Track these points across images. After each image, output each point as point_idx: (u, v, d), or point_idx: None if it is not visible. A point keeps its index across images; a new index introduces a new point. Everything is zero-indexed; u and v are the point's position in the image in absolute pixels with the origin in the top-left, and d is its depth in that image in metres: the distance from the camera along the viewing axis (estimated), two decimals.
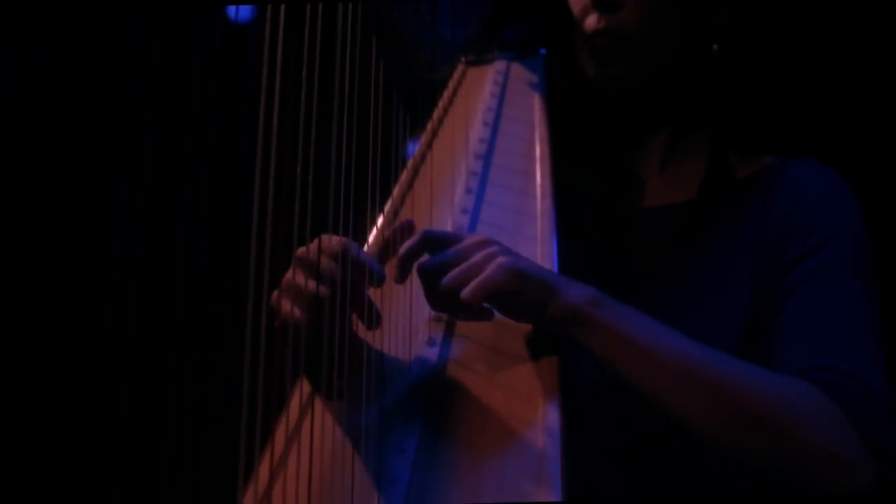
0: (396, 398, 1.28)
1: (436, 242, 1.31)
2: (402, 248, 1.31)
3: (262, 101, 1.08)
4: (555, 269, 1.42)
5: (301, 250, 1.26)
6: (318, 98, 1.23)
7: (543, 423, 1.23)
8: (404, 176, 1.56)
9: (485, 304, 1.28)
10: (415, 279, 1.33)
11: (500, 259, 1.25)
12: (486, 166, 1.64)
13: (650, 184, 1.61)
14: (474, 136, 1.69)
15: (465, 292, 1.23)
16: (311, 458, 1.17)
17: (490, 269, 1.24)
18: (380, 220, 1.46)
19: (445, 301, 1.28)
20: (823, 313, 1.39)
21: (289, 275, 1.26)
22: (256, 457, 1.12)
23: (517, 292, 1.25)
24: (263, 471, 1.17)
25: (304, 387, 1.27)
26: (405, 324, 1.34)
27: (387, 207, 1.49)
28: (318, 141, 1.20)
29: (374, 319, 1.27)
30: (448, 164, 1.60)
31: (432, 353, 1.33)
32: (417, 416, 1.26)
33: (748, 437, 1.24)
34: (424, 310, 1.37)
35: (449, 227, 1.51)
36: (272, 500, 1.16)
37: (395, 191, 1.54)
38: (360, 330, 1.32)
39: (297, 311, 1.23)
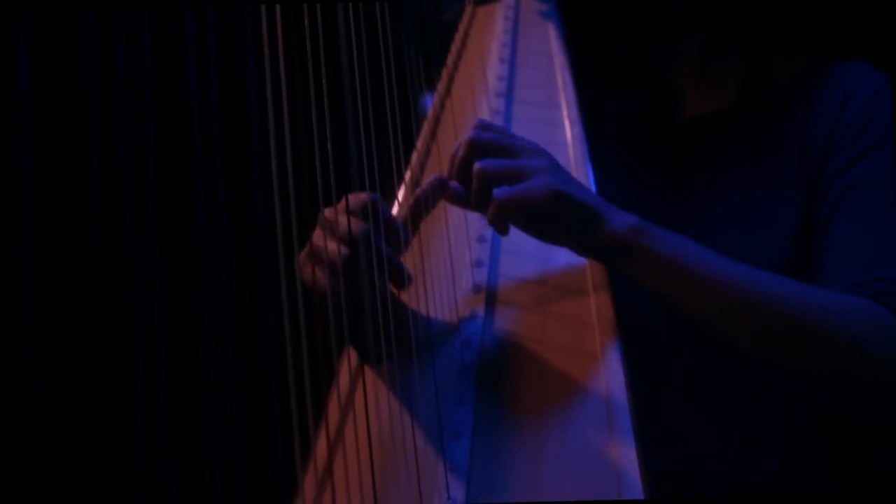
0: (448, 350, 1.23)
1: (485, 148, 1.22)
2: (450, 158, 1.23)
3: (267, 56, 1.02)
4: (590, 175, 1.37)
5: (327, 210, 1.19)
6: (326, 52, 1.17)
7: (605, 358, 1.18)
8: (426, 127, 1.50)
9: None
10: (450, 228, 1.27)
11: (548, 177, 1.17)
12: (509, 104, 1.58)
13: (687, 93, 1.53)
14: (492, 75, 1.63)
15: (499, 194, 1.15)
16: (367, 425, 1.12)
17: (535, 181, 1.16)
18: (407, 175, 1.40)
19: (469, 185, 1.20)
20: (873, 223, 1.33)
21: (313, 237, 1.20)
22: (312, 434, 1.08)
23: (556, 216, 1.18)
24: (321, 447, 1.13)
25: (353, 354, 1.22)
26: (447, 272, 1.28)
27: (412, 160, 1.43)
28: (331, 97, 1.14)
29: (405, 279, 1.20)
30: (470, 108, 1.54)
31: (479, 299, 1.27)
32: (473, 365, 1.21)
33: (809, 357, 1.19)
34: (465, 255, 1.31)
35: None
36: (334, 474, 1.11)
37: (419, 143, 1.47)
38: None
39: (319, 275, 1.17)
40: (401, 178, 1.38)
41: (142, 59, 0.86)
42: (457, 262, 1.30)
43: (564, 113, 1.52)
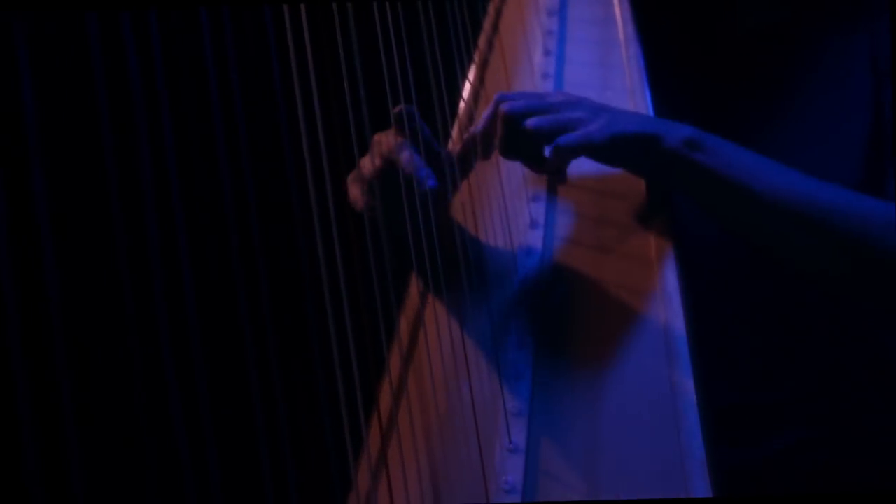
0: (507, 290, 1.22)
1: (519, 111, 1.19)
2: (479, 120, 1.22)
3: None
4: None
5: (377, 134, 1.19)
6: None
7: (663, 293, 1.16)
8: (477, 57, 1.45)
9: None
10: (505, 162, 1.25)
11: (599, 121, 1.18)
12: (562, 22, 1.53)
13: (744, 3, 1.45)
14: None
15: (561, 139, 1.15)
16: (430, 373, 1.13)
17: (589, 128, 1.17)
18: (461, 104, 1.37)
19: (524, 150, 1.19)
20: None
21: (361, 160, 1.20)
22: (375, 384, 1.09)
23: (614, 154, 1.19)
24: (384, 397, 1.13)
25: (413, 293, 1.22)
26: (501, 210, 1.26)
27: (464, 96, 1.39)
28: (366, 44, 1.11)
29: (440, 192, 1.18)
30: (520, 31, 1.50)
31: (536, 237, 1.26)
32: (530, 301, 1.20)
33: (882, 282, 1.15)
34: (521, 193, 1.29)
35: (532, 90, 1.41)
36: (398, 421, 1.12)
37: (470, 76, 1.43)
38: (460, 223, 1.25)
39: (355, 193, 1.18)
40: (454, 116, 1.35)
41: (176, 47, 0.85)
42: (512, 197, 1.29)
43: (620, 29, 1.47)
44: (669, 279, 1.17)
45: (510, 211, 1.27)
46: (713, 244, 1.29)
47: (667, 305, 1.14)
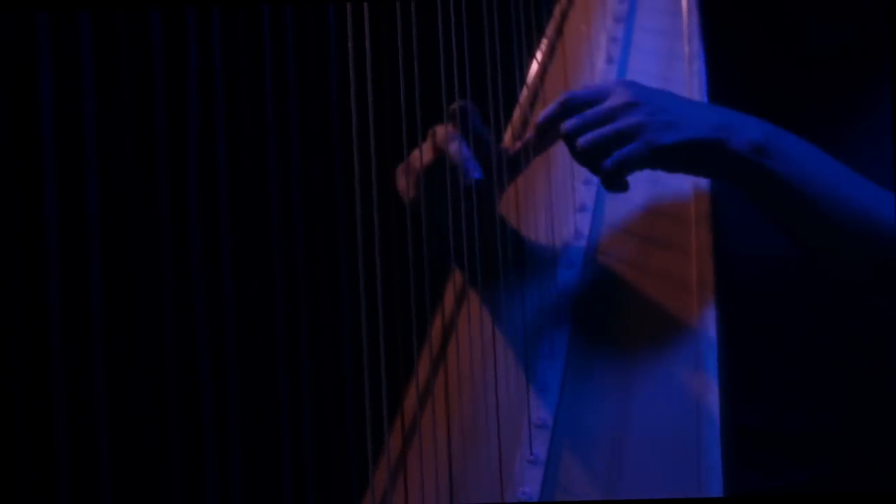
0: (544, 295, 1.22)
1: (577, 106, 1.18)
2: (540, 115, 1.20)
3: None
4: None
5: (435, 128, 1.19)
6: None
7: (700, 313, 1.16)
8: (539, 56, 1.44)
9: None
10: (555, 165, 1.25)
11: (647, 135, 1.13)
12: (628, 30, 1.51)
13: (813, 23, 1.41)
14: None
15: (607, 164, 1.12)
16: (458, 376, 1.13)
17: (634, 145, 1.13)
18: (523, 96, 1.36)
19: (590, 162, 1.17)
20: None
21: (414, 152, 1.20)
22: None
23: (667, 166, 1.16)
24: (410, 398, 1.14)
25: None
26: (547, 215, 1.26)
27: (522, 95, 1.39)
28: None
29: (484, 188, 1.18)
30: (584, 36, 1.49)
31: (578, 245, 1.26)
32: (567, 313, 1.20)
33: None
34: (569, 198, 1.29)
35: None
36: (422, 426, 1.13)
37: (530, 74, 1.42)
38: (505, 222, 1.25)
39: (403, 184, 1.18)
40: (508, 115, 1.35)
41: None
42: (559, 203, 1.29)
43: (686, 45, 1.45)
44: (707, 299, 1.16)
45: (556, 217, 1.26)
46: (758, 268, 1.27)
47: (702, 326, 1.14)
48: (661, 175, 1.19)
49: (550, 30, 1.46)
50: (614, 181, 1.14)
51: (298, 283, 0.85)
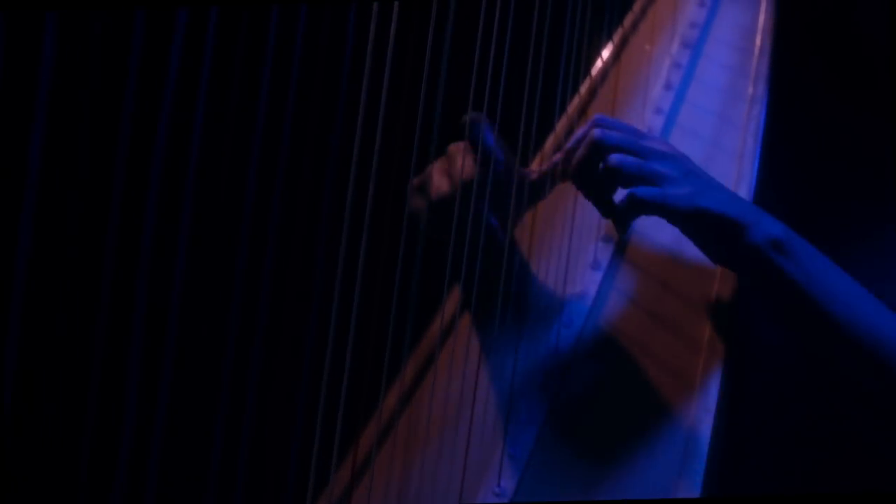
0: (534, 352, 1.14)
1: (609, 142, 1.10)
2: (571, 139, 1.13)
3: None
4: (751, 190, 1.24)
5: (454, 145, 1.13)
6: None
7: (701, 391, 1.09)
8: (596, 74, 1.35)
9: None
10: (578, 210, 1.17)
11: (687, 187, 1.07)
12: (695, 57, 1.42)
13: None
14: (685, 18, 1.47)
15: (639, 192, 1.06)
16: (427, 414, 1.07)
17: (674, 189, 1.07)
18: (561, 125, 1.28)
19: (596, 184, 1.10)
20: None
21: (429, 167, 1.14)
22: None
23: (691, 227, 1.09)
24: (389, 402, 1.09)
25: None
26: (559, 263, 1.19)
27: (568, 111, 1.30)
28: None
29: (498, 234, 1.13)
30: (648, 53, 1.40)
31: (582, 305, 1.17)
32: (565, 350, 1.13)
33: None
34: (584, 252, 1.21)
35: (640, 126, 1.31)
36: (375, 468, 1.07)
37: (583, 88, 1.33)
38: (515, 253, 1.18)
39: (416, 203, 1.12)
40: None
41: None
42: (576, 246, 1.21)
43: (750, 85, 1.37)
44: (708, 396, 1.08)
45: (567, 268, 1.19)
46: (771, 351, 1.20)
47: (695, 427, 1.06)
48: (684, 253, 1.13)
49: (608, 52, 1.37)
50: (617, 217, 1.08)
51: (261, 294, 0.79)
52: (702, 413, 1.07)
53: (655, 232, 1.19)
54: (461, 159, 1.11)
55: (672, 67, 1.40)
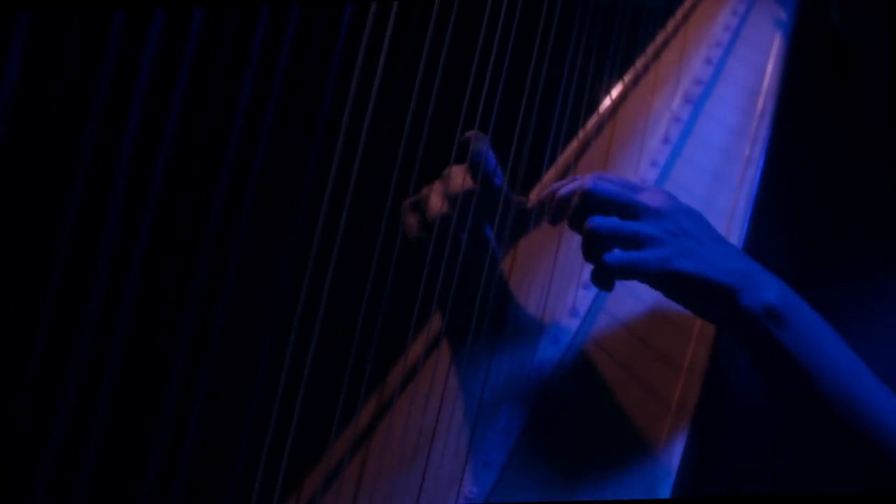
0: (516, 364, 1.13)
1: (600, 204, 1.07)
2: (559, 189, 1.10)
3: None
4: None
5: (455, 167, 1.11)
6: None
7: (667, 443, 1.06)
8: (592, 120, 1.34)
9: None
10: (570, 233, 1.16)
11: (665, 251, 1.03)
12: (695, 114, 1.41)
13: None
14: (690, 74, 1.46)
15: (609, 259, 1.02)
16: (395, 434, 1.05)
17: (651, 253, 1.03)
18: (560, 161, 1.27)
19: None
20: None
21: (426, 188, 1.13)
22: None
23: (671, 292, 1.06)
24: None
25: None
26: (546, 280, 1.17)
27: (566, 151, 1.29)
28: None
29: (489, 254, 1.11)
30: (648, 106, 1.39)
31: (570, 324, 1.16)
32: (536, 391, 1.11)
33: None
34: (575, 273, 1.19)
35: (633, 177, 1.31)
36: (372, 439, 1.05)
37: (581, 135, 1.32)
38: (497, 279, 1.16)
39: (413, 224, 1.11)
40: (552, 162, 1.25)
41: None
42: (560, 280, 1.19)
43: (748, 147, 1.35)
44: (682, 424, 1.06)
45: (555, 286, 1.17)
46: (750, 411, 1.18)
47: (666, 452, 1.05)
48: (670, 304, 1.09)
49: (614, 94, 1.36)
50: (604, 279, 1.04)
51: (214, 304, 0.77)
52: (674, 443, 1.05)
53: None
54: (461, 179, 1.08)
55: (672, 121, 1.39)
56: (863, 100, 1.31)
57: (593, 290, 1.20)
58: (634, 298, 1.18)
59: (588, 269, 1.14)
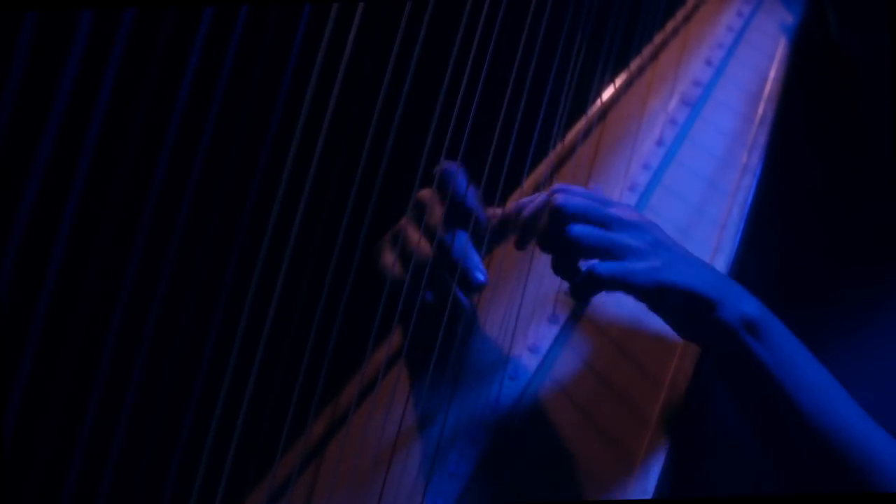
0: (473, 402, 1.07)
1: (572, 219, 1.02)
2: (530, 206, 1.05)
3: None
4: (729, 262, 1.17)
5: (422, 193, 1.05)
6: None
7: (643, 468, 1.01)
8: (581, 122, 1.28)
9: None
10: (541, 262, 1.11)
11: (651, 261, 1.00)
12: (691, 117, 1.36)
13: None
14: (689, 76, 1.41)
15: (597, 268, 0.98)
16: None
17: (636, 264, 0.99)
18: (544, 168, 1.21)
19: (561, 251, 1.02)
20: None
21: (402, 223, 1.07)
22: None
23: (656, 304, 1.02)
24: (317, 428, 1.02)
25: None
26: (510, 311, 1.11)
27: (550, 156, 1.23)
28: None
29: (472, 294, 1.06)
30: (642, 106, 1.34)
31: (530, 361, 1.10)
32: (506, 404, 1.07)
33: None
34: (543, 305, 1.14)
35: (621, 182, 1.25)
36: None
37: (569, 136, 1.26)
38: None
39: (389, 261, 1.05)
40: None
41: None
42: (531, 301, 1.13)
43: (745, 154, 1.30)
44: (656, 456, 1.01)
45: (519, 319, 1.11)
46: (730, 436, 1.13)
47: (637, 488, 0.99)
48: (647, 319, 1.05)
49: (606, 95, 1.31)
50: (588, 290, 1.00)
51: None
52: (639, 494, 1.00)
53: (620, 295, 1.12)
54: (437, 211, 1.04)
55: (667, 123, 1.34)
56: (862, 109, 1.26)
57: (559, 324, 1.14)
58: (602, 334, 1.12)
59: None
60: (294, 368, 0.83)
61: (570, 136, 1.24)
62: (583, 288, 1.00)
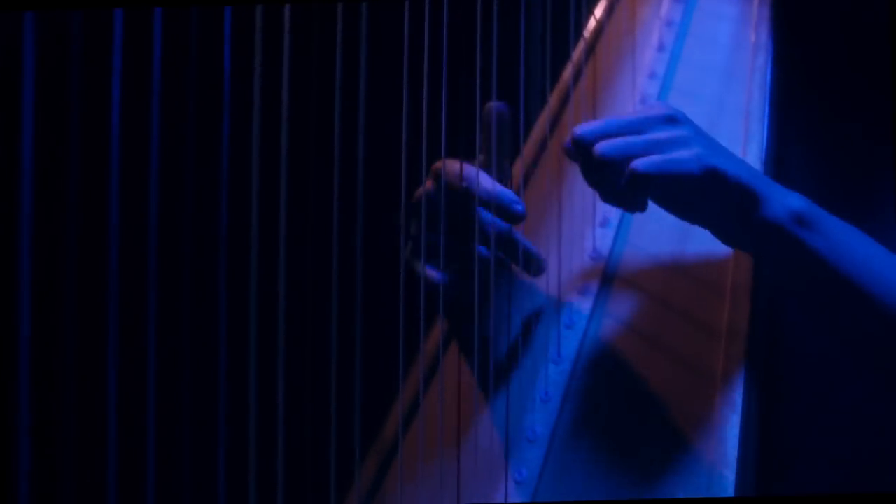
0: (545, 339, 1.04)
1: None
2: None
3: None
4: (762, 150, 1.12)
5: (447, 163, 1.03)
6: None
7: (725, 383, 0.96)
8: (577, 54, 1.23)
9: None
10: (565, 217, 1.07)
11: (696, 148, 0.96)
12: (688, 12, 1.29)
13: None
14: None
15: (638, 165, 0.94)
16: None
17: (681, 152, 0.96)
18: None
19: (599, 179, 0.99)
20: None
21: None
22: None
23: (705, 194, 0.97)
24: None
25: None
26: (554, 263, 1.08)
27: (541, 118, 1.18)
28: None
29: (532, 265, 1.04)
30: (633, 20, 1.27)
31: (585, 304, 1.06)
32: (569, 358, 1.03)
33: None
34: (582, 249, 1.10)
35: (631, 94, 1.20)
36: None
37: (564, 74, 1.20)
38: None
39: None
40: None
41: None
42: (571, 242, 1.09)
43: (752, 33, 1.23)
44: (735, 368, 0.96)
45: (563, 265, 1.07)
46: (804, 337, 1.07)
47: (724, 405, 0.95)
48: (692, 242, 1.03)
49: (591, 22, 1.24)
50: (638, 191, 0.96)
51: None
52: (727, 412, 0.95)
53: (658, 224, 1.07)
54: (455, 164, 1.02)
55: (664, 26, 1.28)
56: None
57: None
58: (651, 266, 1.08)
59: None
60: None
61: (561, 84, 1.19)
62: (630, 191, 0.96)
